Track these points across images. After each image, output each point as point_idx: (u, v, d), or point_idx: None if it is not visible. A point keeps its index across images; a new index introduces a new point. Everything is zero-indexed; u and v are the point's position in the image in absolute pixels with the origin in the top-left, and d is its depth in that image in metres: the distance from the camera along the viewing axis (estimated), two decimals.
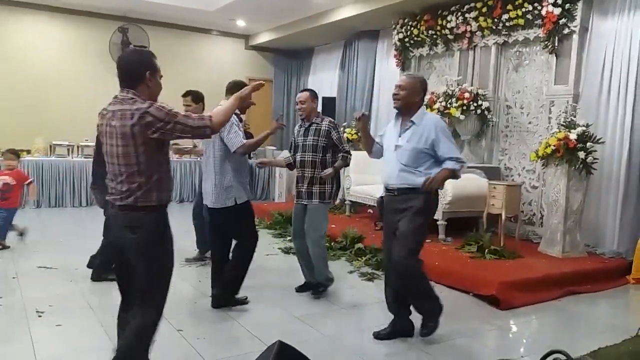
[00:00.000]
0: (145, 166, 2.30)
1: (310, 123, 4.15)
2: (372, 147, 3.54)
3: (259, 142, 3.90)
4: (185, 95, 5.10)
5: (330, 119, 4.22)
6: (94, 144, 8.44)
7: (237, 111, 3.58)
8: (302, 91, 4.27)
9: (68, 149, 8.44)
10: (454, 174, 3.23)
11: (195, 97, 5.04)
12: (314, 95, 4.21)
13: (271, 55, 11.24)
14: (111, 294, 3.90)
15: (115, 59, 9.39)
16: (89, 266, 4.49)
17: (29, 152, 8.25)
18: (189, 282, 4.49)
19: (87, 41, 9.23)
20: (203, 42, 10.44)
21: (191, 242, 5.30)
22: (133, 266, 2.37)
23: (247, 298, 3.92)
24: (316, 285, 4.22)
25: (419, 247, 3.28)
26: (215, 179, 3.75)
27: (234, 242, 3.90)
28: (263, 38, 10.43)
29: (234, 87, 3.71)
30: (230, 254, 3.90)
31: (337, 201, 7.88)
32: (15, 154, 5.80)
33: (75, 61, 9.16)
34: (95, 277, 4.37)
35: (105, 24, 9.35)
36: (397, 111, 3.37)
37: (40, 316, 3.53)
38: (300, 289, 4.31)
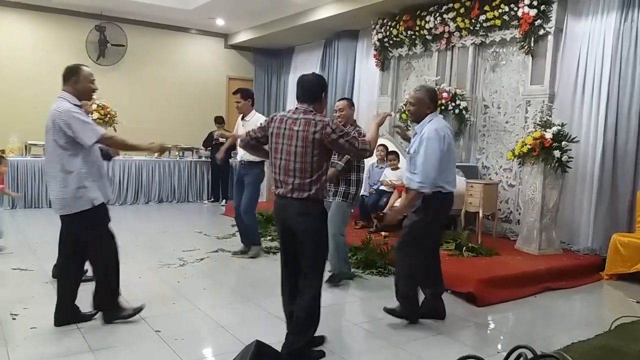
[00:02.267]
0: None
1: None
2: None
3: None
4: (235, 92, 5.33)
5: (359, 127, 4.41)
6: None
7: (78, 101, 3.34)
8: (340, 100, 4.56)
9: (44, 149, 8.27)
10: (417, 195, 3.49)
11: (244, 94, 5.25)
12: (351, 103, 4.52)
13: (251, 54, 11.20)
14: (87, 295, 3.86)
15: (92, 57, 9.36)
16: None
17: (3, 152, 8.09)
18: (167, 282, 4.46)
19: (63, 39, 9.09)
20: (182, 41, 10.36)
21: (170, 242, 5.27)
22: (304, 245, 2.91)
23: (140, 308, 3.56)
24: (332, 277, 4.48)
25: (412, 240, 3.60)
26: (61, 181, 3.25)
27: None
28: (243, 37, 10.39)
29: (70, 73, 3.40)
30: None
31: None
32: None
33: (51, 60, 8.99)
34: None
35: (82, 22, 9.22)
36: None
37: (14, 319, 3.47)
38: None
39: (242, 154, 5.19)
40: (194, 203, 9.19)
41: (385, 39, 7.71)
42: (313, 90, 2.96)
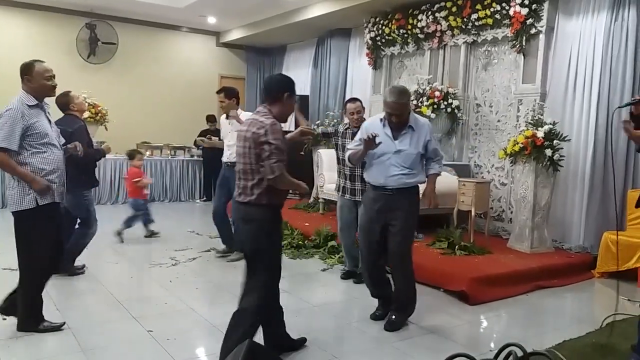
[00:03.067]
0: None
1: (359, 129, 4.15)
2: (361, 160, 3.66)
3: None
4: (218, 92, 5.25)
5: None
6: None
7: (34, 100, 3.20)
8: (354, 101, 4.58)
9: None
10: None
11: (227, 93, 5.17)
12: (362, 105, 4.57)
13: (243, 53, 11.16)
14: (79, 295, 3.84)
15: (82, 55, 9.29)
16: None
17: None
18: (159, 282, 4.43)
19: (53, 37, 9.01)
20: (173, 39, 10.30)
21: (162, 242, 5.24)
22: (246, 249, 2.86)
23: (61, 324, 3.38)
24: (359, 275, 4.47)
25: (413, 238, 3.74)
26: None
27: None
28: (234, 35, 10.35)
29: (23, 70, 3.27)
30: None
31: (311, 199, 7.90)
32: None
33: (41, 58, 8.85)
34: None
35: (72, 20, 9.14)
36: (380, 119, 3.55)
37: (4, 319, 3.43)
38: (344, 277, 4.70)
39: (228, 155, 5.12)
40: (186, 202, 9.14)
41: (378, 38, 7.71)
42: (272, 91, 2.83)
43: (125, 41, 9.57)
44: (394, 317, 3.57)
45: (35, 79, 3.22)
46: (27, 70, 3.23)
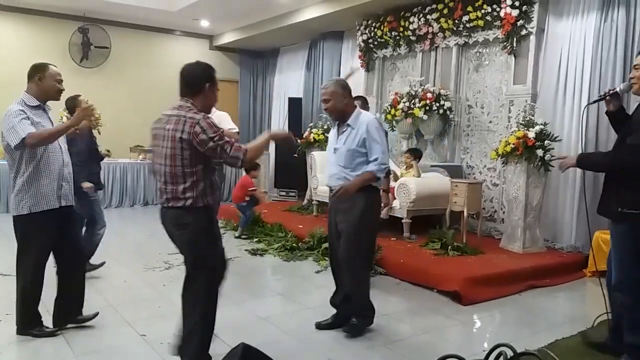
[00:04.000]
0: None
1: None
2: None
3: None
4: None
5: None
6: None
7: (36, 102, 3.23)
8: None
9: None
10: (374, 178, 3.32)
11: None
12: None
13: (236, 56, 11.17)
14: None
15: (75, 59, 9.27)
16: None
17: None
18: (152, 286, 4.43)
19: (45, 42, 8.97)
20: (166, 42, 10.29)
21: (155, 245, 5.22)
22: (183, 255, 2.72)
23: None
24: None
25: (363, 245, 3.40)
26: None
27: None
28: (228, 38, 10.36)
29: (34, 71, 3.34)
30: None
31: (305, 201, 7.92)
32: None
33: (33, 62, 8.87)
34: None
35: (64, 24, 9.11)
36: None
37: None
38: None
39: None
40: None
41: (370, 40, 7.74)
42: (193, 82, 2.65)
43: (118, 45, 9.56)
44: (354, 320, 3.45)
45: (47, 80, 3.28)
46: (40, 70, 3.29)
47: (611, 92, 3.03)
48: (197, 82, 2.66)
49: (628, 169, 2.76)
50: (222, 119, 5.20)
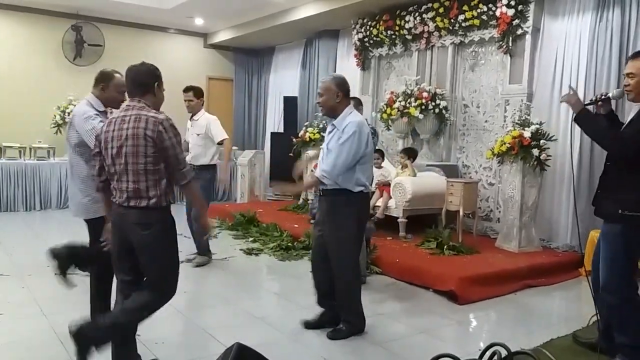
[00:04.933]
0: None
1: None
2: None
3: None
4: (186, 90, 5.10)
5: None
6: (47, 145, 8.24)
7: (103, 107, 3.22)
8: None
9: (20, 151, 8.12)
10: (319, 182, 3.31)
11: (197, 92, 5.05)
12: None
13: (231, 54, 11.12)
14: (65, 300, 3.79)
15: (68, 57, 9.20)
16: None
17: None
18: None
19: (38, 39, 8.91)
20: (160, 40, 10.23)
21: None
22: (144, 261, 2.60)
23: None
24: None
25: (349, 249, 3.36)
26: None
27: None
28: (222, 36, 10.32)
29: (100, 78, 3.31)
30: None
31: (300, 201, 7.89)
32: None
33: (26, 60, 8.82)
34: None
35: (57, 22, 9.03)
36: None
37: None
38: None
39: (190, 158, 4.92)
40: (173, 205, 9.02)
41: (366, 39, 7.73)
42: (142, 82, 2.63)
43: (112, 43, 9.49)
44: (340, 325, 3.39)
45: (109, 90, 3.25)
46: (105, 79, 3.27)
47: (603, 97, 3.04)
48: (145, 82, 2.65)
49: (611, 155, 2.88)
50: (210, 123, 5.09)
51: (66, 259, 3.13)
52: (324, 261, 3.42)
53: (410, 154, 6.11)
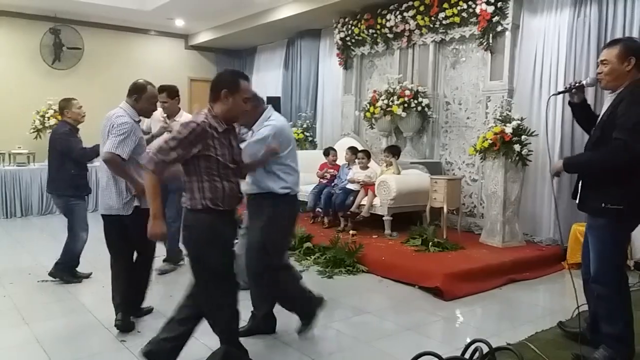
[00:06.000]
0: None
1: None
2: None
3: None
4: (160, 91, 4.89)
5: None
6: (27, 151, 8.10)
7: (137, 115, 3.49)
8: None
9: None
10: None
11: (171, 93, 4.89)
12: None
13: (212, 55, 11.06)
14: (46, 308, 3.74)
15: (47, 61, 9.05)
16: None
17: None
18: None
19: (15, 43, 8.77)
20: (141, 42, 10.14)
21: None
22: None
23: None
24: None
25: (267, 258, 3.19)
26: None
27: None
28: (203, 37, 10.26)
29: (133, 90, 3.57)
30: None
31: None
32: None
33: (3, 65, 8.68)
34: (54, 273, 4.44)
35: (35, 25, 8.89)
36: None
37: None
38: None
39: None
40: None
41: (348, 38, 7.74)
42: (212, 90, 2.66)
43: (91, 46, 9.38)
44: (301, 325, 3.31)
45: (142, 101, 3.49)
46: (139, 91, 3.48)
47: (576, 84, 3.05)
48: (214, 89, 2.68)
49: (616, 166, 2.72)
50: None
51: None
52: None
53: (394, 151, 6.13)
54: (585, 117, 3.16)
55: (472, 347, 2.44)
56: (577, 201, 3.00)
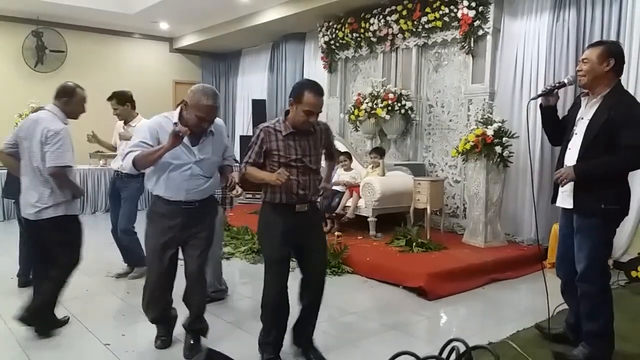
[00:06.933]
0: None
1: None
2: None
3: None
4: (109, 98, 4.81)
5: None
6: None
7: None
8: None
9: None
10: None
11: (121, 99, 4.76)
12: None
13: (198, 58, 11.06)
14: (22, 304, 3.70)
15: (29, 64, 8.98)
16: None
17: None
18: (116, 294, 4.34)
19: None
20: (125, 45, 10.10)
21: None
22: None
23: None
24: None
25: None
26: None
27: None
28: (188, 40, 10.25)
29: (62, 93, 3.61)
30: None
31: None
32: None
33: None
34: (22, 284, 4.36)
35: (17, 27, 8.82)
36: (175, 122, 2.99)
37: None
38: None
39: (118, 165, 4.59)
40: (143, 211, 8.88)
41: (332, 42, 7.79)
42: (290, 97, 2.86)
43: (75, 49, 9.32)
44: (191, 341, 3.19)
45: (72, 104, 3.65)
46: (68, 94, 3.64)
47: (558, 84, 3.09)
48: (290, 97, 2.88)
49: (628, 171, 2.82)
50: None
51: None
52: None
53: (381, 153, 6.21)
54: (553, 120, 3.22)
55: (450, 346, 2.48)
56: (566, 205, 2.98)
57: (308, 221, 2.99)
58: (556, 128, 3.17)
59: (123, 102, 4.76)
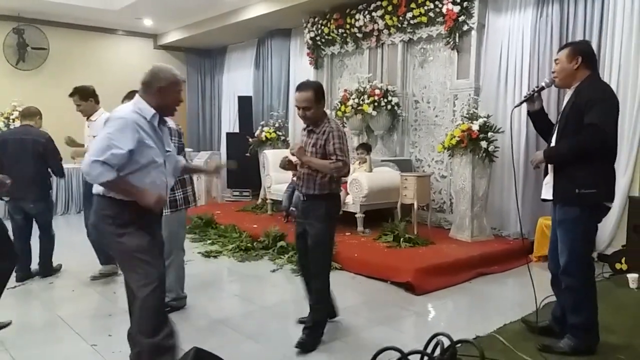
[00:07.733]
0: None
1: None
2: None
3: None
4: (71, 94, 4.62)
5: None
6: None
7: None
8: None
9: None
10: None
11: (83, 94, 4.58)
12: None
13: (182, 55, 10.96)
14: (13, 310, 3.66)
15: (11, 62, 8.84)
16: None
17: None
18: (102, 294, 4.30)
19: None
20: (108, 42, 9.98)
21: None
22: None
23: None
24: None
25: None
26: None
27: None
28: (173, 37, 10.15)
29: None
30: None
31: (259, 200, 7.85)
32: None
33: None
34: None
35: None
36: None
37: None
38: None
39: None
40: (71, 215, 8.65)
41: (318, 38, 7.77)
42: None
43: (57, 46, 9.18)
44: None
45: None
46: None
47: (537, 89, 3.20)
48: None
49: (593, 150, 2.81)
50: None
51: None
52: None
53: (368, 149, 6.23)
54: (545, 124, 3.26)
55: (434, 340, 2.50)
56: (548, 196, 3.04)
57: None
58: (549, 129, 3.21)
59: (86, 98, 4.58)
